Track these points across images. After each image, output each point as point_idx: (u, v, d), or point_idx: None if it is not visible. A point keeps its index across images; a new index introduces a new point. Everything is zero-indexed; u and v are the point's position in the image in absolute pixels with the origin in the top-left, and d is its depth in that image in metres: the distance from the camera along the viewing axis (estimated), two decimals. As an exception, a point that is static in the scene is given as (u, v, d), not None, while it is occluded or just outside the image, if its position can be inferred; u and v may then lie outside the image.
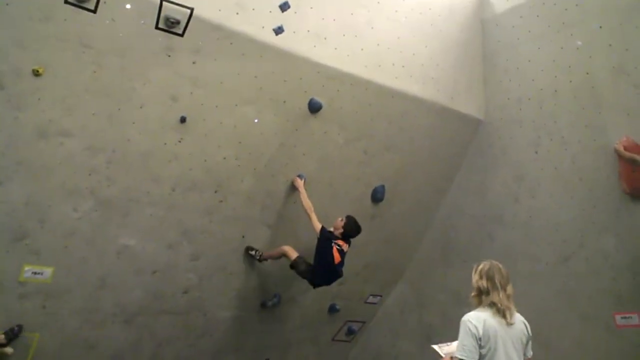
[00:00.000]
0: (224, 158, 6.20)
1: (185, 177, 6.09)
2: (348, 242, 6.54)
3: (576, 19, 6.16)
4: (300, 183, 6.52)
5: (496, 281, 3.69)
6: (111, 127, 5.50)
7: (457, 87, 7.15)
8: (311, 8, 6.06)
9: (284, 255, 6.61)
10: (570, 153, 6.30)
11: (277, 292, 7.33)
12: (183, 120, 5.78)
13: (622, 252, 5.82)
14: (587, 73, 6.09)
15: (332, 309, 7.97)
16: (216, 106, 5.89)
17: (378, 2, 6.49)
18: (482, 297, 3.72)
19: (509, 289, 3.72)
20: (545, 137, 6.57)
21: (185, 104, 5.74)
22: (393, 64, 6.63)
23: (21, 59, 4.92)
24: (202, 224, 6.42)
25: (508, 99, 7.02)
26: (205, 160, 6.11)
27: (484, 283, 3.71)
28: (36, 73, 4.99)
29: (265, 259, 6.82)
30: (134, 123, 5.59)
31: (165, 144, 5.83)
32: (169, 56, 5.46)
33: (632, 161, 5.55)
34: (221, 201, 6.40)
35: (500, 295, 3.65)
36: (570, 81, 6.26)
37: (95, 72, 5.22)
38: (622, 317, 5.72)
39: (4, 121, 5.05)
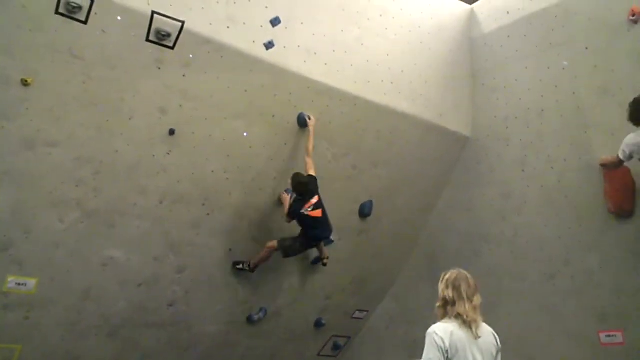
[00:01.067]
0: (212, 171, 6.19)
1: (173, 189, 6.07)
2: (310, 195, 6.36)
3: (562, 39, 6.24)
4: (286, 198, 6.52)
5: (462, 291, 3.46)
6: (99, 138, 5.49)
7: (445, 104, 7.20)
8: (302, 24, 6.11)
9: (273, 249, 6.55)
10: (557, 171, 6.35)
11: (264, 306, 7.30)
12: (172, 132, 5.78)
13: (606, 270, 5.85)
14: (573, 93, 6.17)
15: (318, 324, 7.93)
16: (205, 119, 5.90)
17: (368, 19, 6.56)
18: (447, 308, 3.49)
19: (476, 299, 3.49)
20: (532, 155, 6.63)
21: (175, 117, 5.75)
22: (382, 81, 6.68)
23: (10, 69, 4.91)
24: (188, 236, 6.40)
25: (495, 117, 7.08)
26: (193, 173, 6.10)
27: (449, 293, 3.48)
28: (25, 83, 4.98)
29: (257, 265, 6.71)
30: (122, 134, 5.58)
31: (153, 156, 5.82)
32: (159, 68, 5.48)
33: (613, 164, 5.57)
34: (208, 214, 6.39)
35: (467, 307, 3.42)
36: (557, 100, 6.34)
37: (84, 83, 5.22)
38: (606, 335, 5.73)
39: (-10, 130, 5.04)
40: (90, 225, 5.77)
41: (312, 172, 6.34)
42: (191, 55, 5.54)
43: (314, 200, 6.38)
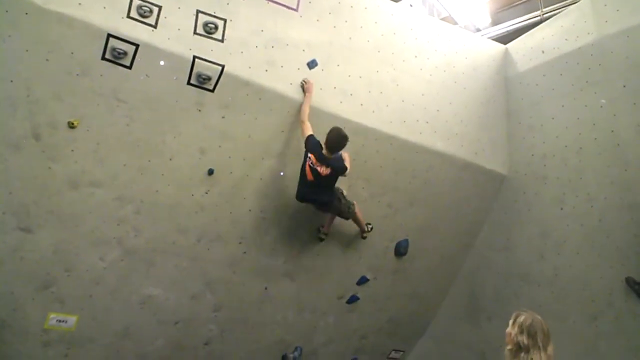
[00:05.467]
0: (249, 210, 6.26)
1: (211, 228, 6.16)
2: (329, 163, 5.74)
3: (600, 77, 6.20)
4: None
5: (538, 339, 3.33)
6: (141, 178, 5.63)
7: (481, 143, 7.18)
8: (338, 66, 6.22)
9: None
10: (597, 210, 6.24)
11: (299, 345, 7.23)
12: (211, 172, 5.89)
13: (652, 312, 5.70)
14: (612, 131, 6.10)
15: (354, 364, 7.85)
16: (243, 159, 6.01)
17: (403, 60, 6.64)
18: (520, 355, 3.34)
19: (550, 349, 3.36)
20: (571, 193, 6.53)
21: (214, 157, 5.87)
22: (417, 120, 6.72)
23: (58, 112, 5.12)
24: (225, 275, 6.44)
25: (532, 155, 7.02)
26: (230, 212, 6.18)
27: (524, 339, 3.34)
28: (71, 125, 5.17)
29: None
30: (163, 175, 5.72)
31: (192, 195, 5.93)
32: (200, 111, 5.62)
33: None
34: (245, 252, 6.43)
35: (542, 356, 3.30)
36: (595, 138, 6.26)
37: (128, 125, 5.39)
38: (654, 380, 5.56)
39: (37, 171, 5.22)
40: (130, 263, 5.88)
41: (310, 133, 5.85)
42: (230, 98, 5.68)
43: (324, 170, 5.76)
